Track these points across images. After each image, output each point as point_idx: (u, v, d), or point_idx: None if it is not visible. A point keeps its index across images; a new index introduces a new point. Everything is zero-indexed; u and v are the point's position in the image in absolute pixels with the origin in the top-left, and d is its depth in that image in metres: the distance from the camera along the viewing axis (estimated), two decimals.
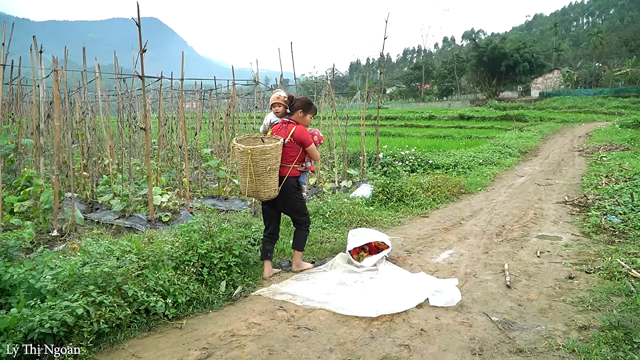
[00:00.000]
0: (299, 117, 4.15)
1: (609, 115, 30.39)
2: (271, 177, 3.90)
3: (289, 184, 4.06)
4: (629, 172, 8.66)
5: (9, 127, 7.54)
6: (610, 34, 74.37)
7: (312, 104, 4.25)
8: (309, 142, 4.07)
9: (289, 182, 4.07)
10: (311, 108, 4.22)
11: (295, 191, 4.14)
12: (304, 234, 4.25)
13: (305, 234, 4.27)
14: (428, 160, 10.41)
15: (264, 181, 3.88)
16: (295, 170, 4.11)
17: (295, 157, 4.08)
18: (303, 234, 4.24)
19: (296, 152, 4.07)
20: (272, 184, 3.93)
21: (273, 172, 3.91)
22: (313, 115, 4.30)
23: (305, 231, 4.25)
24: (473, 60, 55.63)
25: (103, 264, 3.12)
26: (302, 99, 4.21)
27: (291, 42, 7.82)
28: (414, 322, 3.21)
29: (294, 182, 4.14)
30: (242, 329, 3.15)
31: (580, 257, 4.49)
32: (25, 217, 5.74)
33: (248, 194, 4.00)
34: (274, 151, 3.85)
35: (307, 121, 4.23)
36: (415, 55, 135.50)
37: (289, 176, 4.06)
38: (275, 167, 3.90)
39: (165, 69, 8.55)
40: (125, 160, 8.34)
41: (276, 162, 3.91)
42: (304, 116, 4.17)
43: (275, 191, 3.98)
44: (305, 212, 4.26)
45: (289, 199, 4.10)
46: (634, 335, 2.82)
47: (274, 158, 3.87)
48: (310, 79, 76.16)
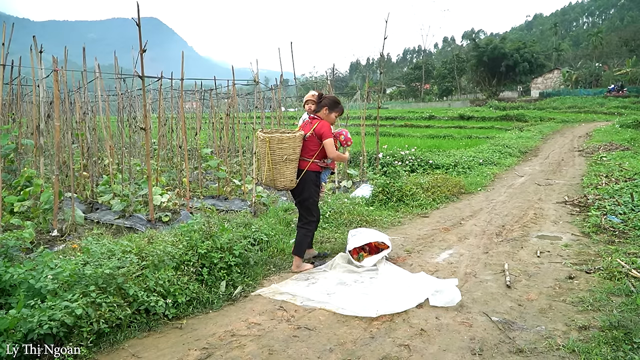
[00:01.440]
0: (325, 114, 4.25)
1: (609, 115, 30.37)
2: (287, 167, 4.04)
3: (307, 178, 4.16)
4: (629, 172, 8.66)
5: (9, 127, 7.54)
6: (610, 34, 74.37)
7: (339, 103, 4.35)
8: (327, 136, 4.12)
9: (308, 175, 4.16)
10: (337, 107, 4.31)
11: (312, 186, 4.20)
12: (304, 234, 4.23)
13: (305, 235, 4.24)
14: (428, 160, 10.41)
15: (281, 170, 4.04)
16: (316, 165, 4.18)
17: (316, 152, 4.16)
18: (302, 234, 4.23)
19: (317, 147, 4.16)
20: (289, 174, 4.06)
21: (290, 162, 4.04)
22: (339, 114, 4.41)
23: (305, 230, 4.23)
24: (473, 60, 55.60)
25: (105, 264, 3.12)
26: (330, 97, 4.31)
27: (291, 42, 7.83)
28: (414, 322, 3.21)
29: (313, 176, 4.19)
30: (242, 329, 3.15)
31: (580, 257, 4.49)
32: (25, 217, 5.74)
33: (265, 182, 4.17)
34: (291, 141, 4.00)
35: (332, 119, 4.32)
36: (415, 55, 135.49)
37: (308, 170, 4.16)
38: (292, 157, 4.04)
39: (165, 69, 8.56)
40: (125, 160, 8.34)
41: (293, 152, 4.04)
42: (329, 114, 4.27)
43: (292, 182, 4.10)
44: (314, 212, 4.28)
45: (304, 192, 4.20)
46: (634, 335, 2.82)
47: (291, 148, 4.01)
48: (310, 79, 76.15)
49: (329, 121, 4.27)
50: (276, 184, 4.11)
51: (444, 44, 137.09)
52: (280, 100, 9.49)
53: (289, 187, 4.15)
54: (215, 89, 10.72)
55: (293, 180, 4.12)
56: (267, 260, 4.41)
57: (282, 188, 4.15)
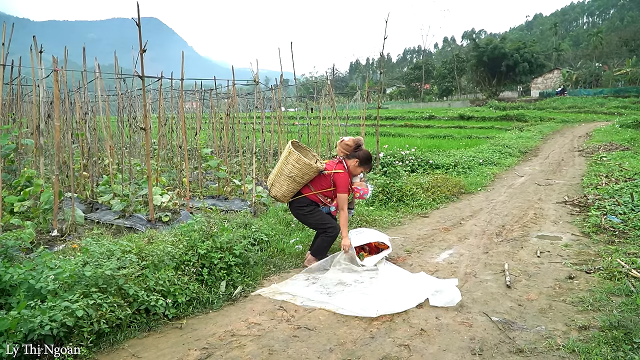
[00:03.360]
0: (353, 165, 4.34)
1: (609, 115, 30.38)
2: (288, 183, 4.20)
3: (299, 201, 4.29)
4: (629, 172, 8.66)
5: (9, 127, 7.54)
6: (610, 34, 74.32)
7: (371, 160, 4.42)
8: (342, 190, 4.20)
9: (301, 199, 4.28)
10: (368, 164, 4.39)
11: (304, 207, 4.30)
12: (324, 240, 4.31)
13: (326, 240, 4.31)
14: (428, 160, 10.40)
15: (280, 180, 4.25)
16: (316, 196, 4.28)
17: (324, 189, 4.27)
18: (323, 240, 4.31)
19: (327, 185, 4.26)
20: (284, 189, 4.24)
21: (292, 181, 4.18)
22: (366, 171, 4.49)
23: (326, 237, 4.30)
24: (473, 60, 55.57)
25: (105, 265, 3.12)
26: (365, 153, 4.38)
27: (291, 42, 7.83)
28: (414, 322, 3.21)
29: (307, 201, 4.28)
30: (242, 329, 3.15)
31: (580, 257, 4.49)
32: (25, 217, 5.74)
33: (269, 182, 4.37)
34: (305, 167, 4.13)
35: (357, 172, 4.42)
36: (415, 55, 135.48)
37: (305, 195, 4.27)
38: (296, 179, 4.17)
39: (165, 69, 8.55)
40: (125, 160, 8.34)
41: (299, 174, 4.15)
42: (357, 167, 4.36)
43: (284, 197, 4.28)
44: (323, 224, 4.31)
45: (298, 216, 4.39)
46: (634, 335, 2.82)
47: (299, 170, 4.14)
48: (310, 79, 76.13)
49: (354, 172, 4.37)
50: (271, 189, 4.33)
51: (444, 44, 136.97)
52: (280, 100, 9.49)
53: (279, 199, 4.32)
54: (215, 89, 10.72)
55: (285, 197, 4.28)
56: (267, 260, 4.41)
57: (273, 195, 4.33)
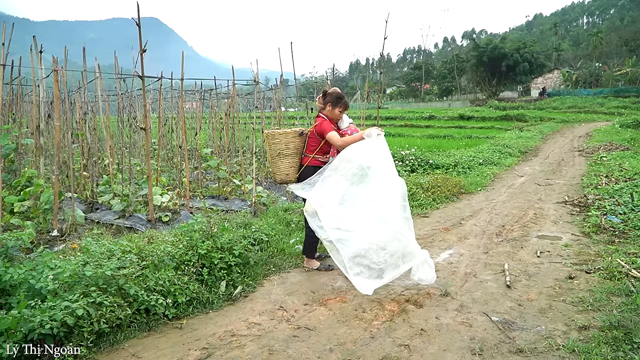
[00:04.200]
0: (329, 110, 4.24)
1: (609, 115, 30.33)
2: (282, 161, 4.19)
3: (305, 173, 4.21)
4: (629, 172, 8.65)
5: (9, 127, 7.54)
6: (610, 34, 74.22)
7: (341, 97, 4.24)
8: (327, 131, 4.09)
9: (306, 170, 4.22)
10: (340, 102, 4.21)
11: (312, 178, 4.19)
12: (306, 234, 4.24)
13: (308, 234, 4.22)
14: (428, 160, 10.40)
15: (276, 164, 4.23)
16: (316, 160, 4.23)
17: (316, 147, 4.20)
18: (305, 234, 4.26)
19: (317, 143, 4.21)
20: (284, 169, 4.22)
21: (284, 157, 4.17)
22: (343, 109, 4.28)
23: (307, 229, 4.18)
24: (473, 60, 55.52)
25: (105, 265, 3.12)
26: (332, 93, 4.26)
27: (291, 42, 7.82)
28: (414, 322, 3.21)
29: (311, 171, 4.18)
30: (242, 329, 3.16)
31: (580, 257, 4.49)
32: (25, 217, 5.73)
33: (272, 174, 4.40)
34: (282, 137, 4.13)
35: (336, 115, 4.24)
36: (415, 55, 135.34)
37: (308, 165, 4.22)
38: (285, 152, 4.16)
39: (165, 69, 8.55)
40: (125, 160, 8.34)
41: (286, 148, 4.15)
42: (333, 110, 4.22)
43: (288, 176, 4.23)
44: None
45: None
46: (634, 335, 2.82)
47: (283, 144, 4.13)
48: (310, 79, 76.12)
49: (333, 117, 4.24)
50: (275, 177, 4.32)
51: (444, 44, 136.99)
52: (280, 100, 9.49)
53: (286, 181, 4.27)
54: (215, 89, 10.72)
55: (289, 175, 4.23)
56: (267, 260, 4.41)
57: (279, 181, 4.31)
